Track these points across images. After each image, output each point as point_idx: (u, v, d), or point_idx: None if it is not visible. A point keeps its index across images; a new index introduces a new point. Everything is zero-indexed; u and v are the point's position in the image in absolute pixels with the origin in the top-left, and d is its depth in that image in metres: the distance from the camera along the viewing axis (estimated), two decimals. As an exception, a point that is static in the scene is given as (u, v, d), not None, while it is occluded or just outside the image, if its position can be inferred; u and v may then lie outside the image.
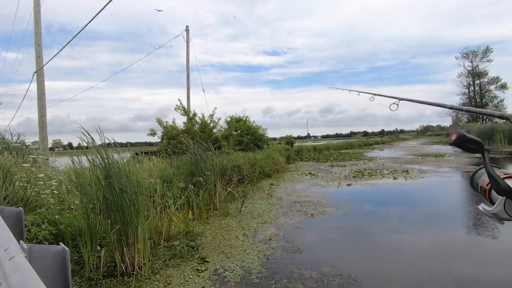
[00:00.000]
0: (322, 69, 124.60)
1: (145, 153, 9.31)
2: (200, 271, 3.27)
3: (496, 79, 40.18)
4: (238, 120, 14.81)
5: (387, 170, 11.51)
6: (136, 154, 8.83)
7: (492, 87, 40.55)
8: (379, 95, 2.10)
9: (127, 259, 3.18)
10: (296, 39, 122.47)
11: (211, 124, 12.41)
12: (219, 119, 12.83)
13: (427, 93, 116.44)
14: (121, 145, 4.25)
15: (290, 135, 22.72)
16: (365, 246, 3.99)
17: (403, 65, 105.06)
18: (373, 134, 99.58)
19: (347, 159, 17.49)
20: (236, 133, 14.61)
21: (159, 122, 12.16)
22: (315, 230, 4.76)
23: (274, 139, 30.51)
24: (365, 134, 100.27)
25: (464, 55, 42.17)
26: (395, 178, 9.50)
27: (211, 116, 12.51)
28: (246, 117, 15.20)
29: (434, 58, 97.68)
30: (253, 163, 10.02)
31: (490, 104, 40.81)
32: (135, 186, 3.47)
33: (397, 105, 1.66)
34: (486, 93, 41.28)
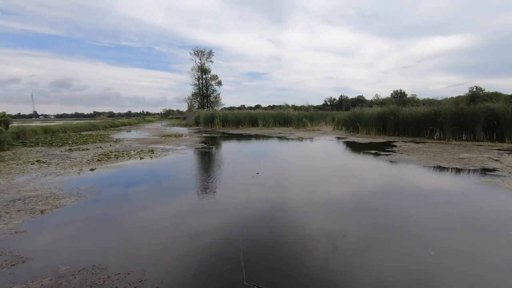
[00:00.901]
0: (54, 32, 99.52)
1: None
2: None
3: (215, 77, 52.59)
4: None
5: (134, 150, 11.69)
6: None
7: (213, 82, 52.65)
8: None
9: None
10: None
11: None
12: None
13: (167, 79, 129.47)
14: None
15: (4, 112, 16.62)
16: (112, 231, 3.85)
17: (148, 50, 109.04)
18: (120, 115, 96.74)
19: (90, 142, 15.71)
20: None
21: None
22: (47, 229, 3.90)
23: (-28, 116, 21.07)
24: (111, 115, 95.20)
25: (196, 52, 51.13)
26: (141, 158, 9.86)
27: None
28: None
29: (173, 50, 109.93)
30: None
31: (212, 95, 52.94)
32: None
33: None
34: (210, 86, 52.93)
